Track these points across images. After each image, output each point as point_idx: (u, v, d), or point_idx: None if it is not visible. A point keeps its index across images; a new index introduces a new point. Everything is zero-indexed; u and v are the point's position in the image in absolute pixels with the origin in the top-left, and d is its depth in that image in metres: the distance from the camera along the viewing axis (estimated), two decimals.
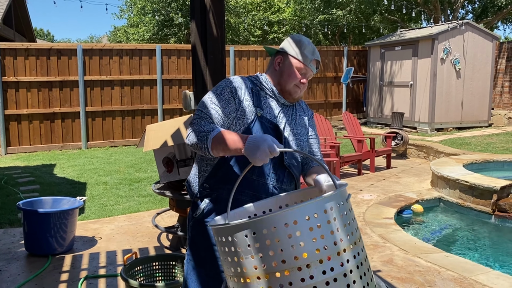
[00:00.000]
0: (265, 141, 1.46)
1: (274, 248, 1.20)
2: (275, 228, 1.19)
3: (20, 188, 6.02)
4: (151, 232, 4.30)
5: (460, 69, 9.96)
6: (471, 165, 6.23)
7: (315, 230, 1.20)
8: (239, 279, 1.26)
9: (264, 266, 1.21)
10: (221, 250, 1.30)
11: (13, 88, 9.09)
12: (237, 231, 1.23)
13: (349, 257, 1.24)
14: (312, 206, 1.21)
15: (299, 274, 1.19)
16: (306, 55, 1.81)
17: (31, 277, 3.33)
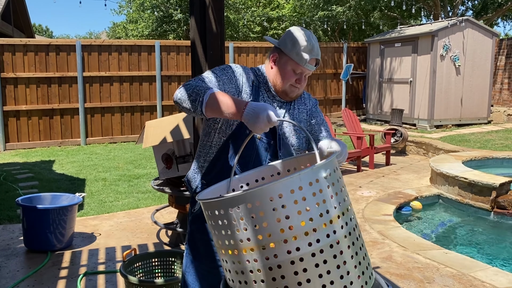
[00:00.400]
0: (265, 109, 1.43)
1: (260, 222, 1.20)
2: (282, 195, 1.19)
3: (19, 184, 6.01)
4: (150, 228, 4.30)
5: (459, 66, 9.95)
6: (470, 162, 6.23)
7: (300, 203, 1.20)
8: (228, 250, 1.27)
9: (250, 241, 1.22)
10: (214, 223, 1.30)
11: (12, 84, 9.07)
12: (222, 206, 1.24)
13: (338, 227, 1.24)
14: (296, 179, 1.21)
15: (285, 247, 1.19)
16: (302, 55, 1.69)
17: (30, 273, 3.33)
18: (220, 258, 1.35)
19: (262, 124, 1.43)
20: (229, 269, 1.31)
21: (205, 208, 1.32)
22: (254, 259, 1.23)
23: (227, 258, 1.30)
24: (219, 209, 1.26)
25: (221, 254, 1.33)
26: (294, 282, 1.20)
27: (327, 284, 1.21)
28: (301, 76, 1.74)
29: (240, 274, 1.27)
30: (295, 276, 1.20)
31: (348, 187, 5.89)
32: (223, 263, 1.35)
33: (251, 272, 1.24)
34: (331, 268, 1.22)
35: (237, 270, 1.28)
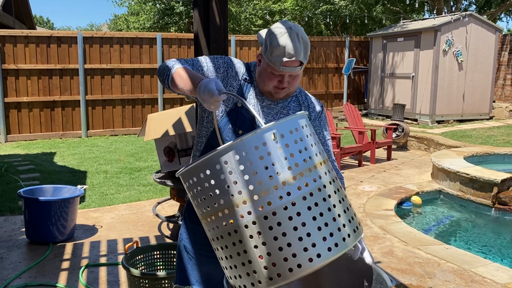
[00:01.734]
0: (206, 86, 1.43)
1: (249, 172, 1.25)
2: (227, 162, 1.25)
3: (20, 176, 6.02)
4: (152, 221, 4.30)
5: (462, 61, 9.91)
6: (471, 158, 6.23)
7: (284, 149, 1.26)
8: (218, 212, 1.29)
9: (241, 192, 1.25)
10: (197, 190, 1.32)
11: (13, 76, 9.05)
12: (210, 164, 1.28)
13: (322, 173, 1.30)
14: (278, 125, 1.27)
15: (276, 194, 1.23)
16: (274, 60, 1.56)
17: (32, 264, 3.34)
18: (209, 233, 1.35)
19: (208, 100, 1.44)
20: (220, 235, 1.31)
21: (189, 175, 1.34)
22: (248, 211, 1.25)
23: (216, 223, 1.30)
24: (206, 170, 1.29)
25: (210, 224, 1.33)
26: (290, 227, 1.23)
27: (322, 226, 1.24)
28: (283, 78, 1.61)
29: (234, 235, 1.27)
30: (290, 221, 1.23)
31: (349, 181, 5.89)
32: (213, 243, 1.35)
33: (246, 227, 1.25)
34: (323, 210, 1.26)
35: (230, 231, 1.27)
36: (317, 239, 1.24)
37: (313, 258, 1.23)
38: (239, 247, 1.28)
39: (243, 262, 1.28)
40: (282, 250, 1.23)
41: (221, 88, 1.44)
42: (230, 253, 1.31)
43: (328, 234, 1.26)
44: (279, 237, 1.23)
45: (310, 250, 1.23)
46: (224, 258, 1.34)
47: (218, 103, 1.45)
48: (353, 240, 1.30)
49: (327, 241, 1.25)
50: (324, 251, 1.24)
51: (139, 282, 2.52)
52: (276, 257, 1.24)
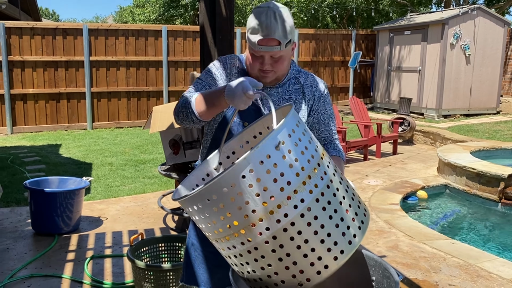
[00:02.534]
0: (240, 83, 1.38)
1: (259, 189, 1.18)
2: (234, 184, 1.18)
3: (26, 168, 6.04)
4: (157, 213, 4.31)
5: (470, 55, 9.82)
6: (478, 152, 6.18)
7: (273, 171, 1.18)
8: (227, 236, 1.25)
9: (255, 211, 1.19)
10: (204, 215, 1.26)
11: (19, 68, 9.06)
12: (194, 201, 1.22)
13: (318, 180, 1.23)
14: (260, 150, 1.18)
15: (291, 203, 1.18)
16: (252, 39, 1.54)
17: (38, 255, 3.35)
18: (223, 251, 1.31)
19: (240, 97, 1.39)
20: (239, 253, 1.27)
21: (192, 202, 1.25)
22: (248, 239, 1.21)
23: (232, 243, 1.27)
24: (211, 195, 1.20)
25: (224, 243, 1.29)
26: (293, 247, 1.21)
27: (325, 238, 1.22)
28: (263, 59, 1.57)
29: (240, 258, 1.26)
30: (309, 227, 1.21)
31: (354, 175, 5.87)
32: (230, 260, 1.33)
33: (249, 253, 1.23)
34: (323, 221, 1.22)
35: (236, 254, 1.26)
36: (322, 252, 1.23)
37: (321, 271, 1.22)
38: (247, 267, 1.27)
39: (269, 274, 1.26)
40: (289, 269, 1.22)
41: (256, 84, 1.39)
42: (253, 268, 1.27)
43: (332, 243, 1.24)
44: (283, 258, 1.21)
45: (317, 264, 1.22)
46: (246, 272, 1.31)
47: (250, 101, 1.40)
48: (359, 238, 1.28)
49: (332, 251, 1.23)
50: (331, 261, 1.23)
51: (144, 274, 2.53)
52: (284, 275, 1.23)
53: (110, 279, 3.01)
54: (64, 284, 2.95)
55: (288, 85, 1.72)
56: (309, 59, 11.52)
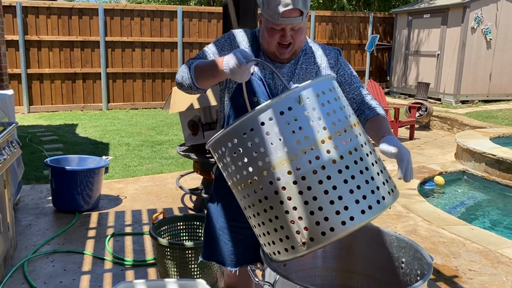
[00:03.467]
0: (232, 57, 1.40)
1: (294, 128, 1.23)
2: (290, 109, 1.24)
3: (44, 146, 6.11)
4: (175, 193, 4.34)
5: (491, 40, 9.59)
6: (498, 139, 6.09)
7: (311, 113, 1.24)
8: (248, 180, 1.28)
9: (287, 148, 1.24)
10: (227, 160, 1.32)
11: (35, 47, 9.10)
12: (259, 118, 1.26)
13: (353, 136, 1.28)
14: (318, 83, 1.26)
15: (303, 158, 1.22)
16: (272, 12, 1.50)
17: (60, 232, 3.41)
18: (241, 202, 1.34)
19: (237, 72, 1.41)
20: (251, 203, 1.30)
21: (216, 146, 1.32)
22: (277, 177, 1.24)
23: (247, 191, 1.30)
24: (233, 139, 1.28)
25: (241, 192, 1.32)
26: (320, 191, 1.22)
27: (354, 189, 1.23)
28: (285, 32, 1.54)
29: (265, 201, 1.27)
30: (320, 185, 1.22)
31: None
32: (247, 211, 1.34)
33: (276, 194, 1.25)
34: (354, 173, 1.24)
35: (261, 198, 1.27)
36: (350, 202, 1.22)
37: (346, 221, 1.22)
38: (271, 213, 1.27)
39: (276, 228, 1.28)
40: (314, 214, 1.22)
41: (247, 55, 1.41)
42: (262, 220, 1.30)
43: (361, 196, 1.24)
44: (310, 201, 1.22)
45: (343, 213, 1.22)
46: (257, 225, 1.33)
47: (247, 72, 1.43)
48: (389, 202, 1.27)
49: (360, 204, 1.23)
50: (358, 213, 1.23)
51: (166, 251, 2.55)
52: (308, 221, 1.23)
53: (131, 257, 3.06)
54: (86, 260, 3.00)
55: (299, 57, 1.69)
56: (325, 41, 11.36)
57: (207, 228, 1.87)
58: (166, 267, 2.59)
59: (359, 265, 1.65)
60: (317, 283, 1.65)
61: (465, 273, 2.95)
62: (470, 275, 2.93)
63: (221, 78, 1.54)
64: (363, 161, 1.26)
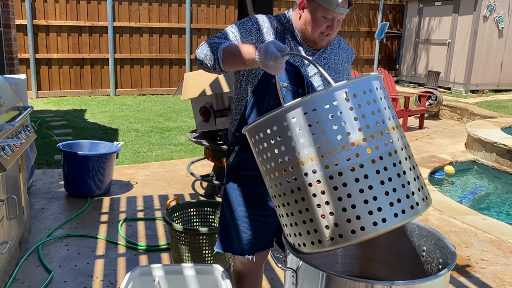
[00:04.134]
0: (266, 51, 1.38)
1: (317, 130, 1.23)
2: (315, 110, 1.23)
3: (54, 131, 6.13)
4: (185, 179, 4.35)
5: (503, 28, 9.46)
6: (509, 129, 6.03)
7: (356, 110, 1.23)
8: (282, 169, 1.28)
9: (307, 150, 1.23)
10: (263, 146, 1.31)
11: (44, 32, 9.07)
12: (277, 121, 1.26)
13: (395, 138, 1.26)
14: (351, 84, 1.24)
15: (343, 154, 1.21)
16: (328, 1, 1.54)
17: (73, 216, 3.43)
18: (271, 189, 1.34)
19: (272, 66, 1.39)
20: (282, 192, 1.30)
21: (255, 130, 1.32)
22: (313, 170, 1.23)
23: (280, 180, 1.29)
24: (272, 126, 1.27)
25: (273, 180, 1.32)
26: (356, 189, 1.21)
27: (390, 191, 1.22)
28: (333, 22, 1.59)
29: (297, 192, 1.26)
30: (356, 183, 1.21)
31: None
32: (275, 199, 1.34)
33: (310, 186, 1.23)
34: (392, 175, 1.23)
35: (293, 188, 1.26)
36: (384, 204, 1.21)
37: (378, 222, 1.21)
38: (302, 204, 1.26)
39: (304, 220, 1.27)
40: (346, 211, 1.22)
41: (282, 47, 1.39)
42: (292, 211, 1.29)
43: (395, 199, 1.23)
44: (343, 198, 1.21)
45: (375, 214, 1.21)
46: (285, 215, 1.32)
47: (282, 65, 1.40)
48: (422, 209, 1.26)
49: (394, 207, 1.22)
50: (390, 216, 1.22)
51: (180, 237, 2.57)
52: (339, 218, 1.22)
53: (144, 242, 3.08)
54: (100, 244, 3.03)
55: (327, 48, 1.74)
56: None
57: (224, 219, 1.86)
58: (180, 252, 2.61)
59: (380, 253, 1.65)
60: (338, 270, 1.65)
61: (478, 262, 2.95)
62: (483, 264, 2.93)
63: (251, 67, 1.51)
64: (401, 164, 1.25)
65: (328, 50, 1.74)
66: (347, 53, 1.81)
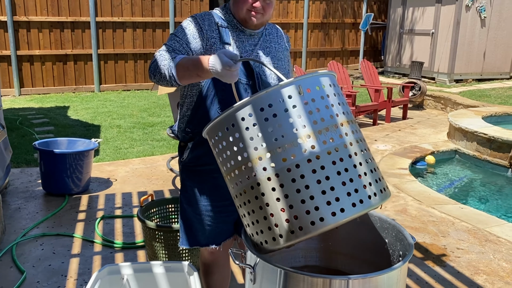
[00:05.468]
0: (219, 62, 1.39)
1: (274, 124, 1.25)
2: (271, 106, 1.25)
3: (35, 129, 6.06)
4: (166, 175, 4.33)
5: (485, 18, 9.50)
6: (490, 118, 6.09)
7: (310, 104, 1.26)
8: (241, 166, 1.29)
9: (264, 145, 1.25)
10: (220, 147, 1.33)
11: (25, 28, 8.93)
12: (233, 119, 1.28)
13: (349, 131, 1.29)
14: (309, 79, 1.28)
15: (300, 146, 1.23)
16: None
17: (49, 215, 3.40)
18: (232, 190, 1.35)
19: (226, 74, 1.40)
20: (243, 190, 1.31)
21: (213, 131, 1.33)
22: (271, 164, 1.24)
23: (240, 178, 1.30)
24: (230, 124, 1.29)
25: (233, 179, 1.33)
26: (313, 180, 1.22)
27: (347, 181, 1.23)
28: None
29: (257, 188, 1.26)
30: (314, 174, 1.22)
31: None
32: (237, 200, 1.34)
33: (269, 180, 1.24)
34: (348, 166, 1.24)
35: (253, 184, 1.27)
36: (341, 194, 1.22)
37: (336, 213, 1.21)
38: (261, 200, 1.26)
39: (265, 216, 1.27)
40: (305, 203, 1.22)
41: (232, 55, 1.40)
42: (253, 208, 1.29)
43: (353, 189, 1.23)
44: (301, 190, 1.22)
45: (334, 204, 1.21)
46: (247, 214, 1.32)
47: (236, 73, 1.42)
48: (380, 200, 1.27)
49: (352, 197, 1.22)
50: (348, 206, 1.22)
51: (154, 234, 2.55)
52: (298, 210, 1.22)
53: (121, 239, 3.06)
54: (76, 243, 3.00)
55: (266, 35, 1.80)
56: (319, 20, 11.24)
57: (185, 216, 1.86)
58: (154, 250, 2.59)
59: (343, 246, 1.65)
60: (301, 264, 1.65)
61: (453, 251, 2.98)
62: (458, 253, 2.96)
63: (207, 78, 1.53)
64: (357, 156, 1.27)
65: (269, 39, 1.80)
66: (285, 41, 1.88)
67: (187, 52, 1.65)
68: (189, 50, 1.65)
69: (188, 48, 1.66)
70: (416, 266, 2.80)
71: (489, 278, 2.66)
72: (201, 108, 1.73)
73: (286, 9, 10.88)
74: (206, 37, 1.68)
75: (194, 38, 1.67)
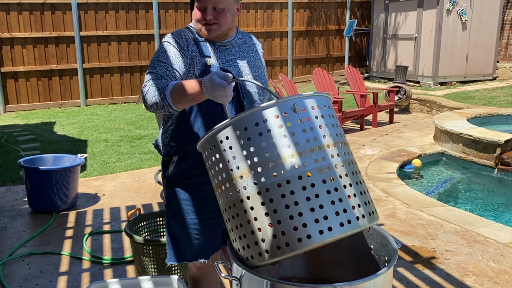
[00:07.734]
0: (213, 84, 1.40)
1: (256, 144, 1.26)
2: (257, 125, 1.27)
3: (20, 146, 6.00)
4: (154, 188, 4.30)
5: (466, 21, 9.67)
6: (474, 119, 6.17)
7: (285, 128, 1.27)
8: (225, 183, 1.31)
9: (249, 162, 1.27)
10: (210, 163, 1.36)
11: (8, 45, 8.87)
12: (212, 140, 1.32)
13: (334, 153, 1.30)
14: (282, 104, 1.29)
15: (292, 163, 1.25)
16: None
17: (36, 233, 3.35)
18: (221, 203, 1.37)
19: (221, 95, 1.41)
20: (232, 203, 1.32)
21: (208, 143, 1.36)
22: (262, 178, 1.25)
23: (230, 192, 1.31)
24: (211, 144, 1.32)
25: (221, 193, 1.35)
26: (303, 197, 1.23)
27: (336, 201, 1.24)
28: (205, 11, 1.66)
29: (246, 201, 1.27)
30: (304, 191, 1.23)
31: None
32: (225, 213, 1.36)
33: (259, 194, 1.25)
34: (338, 186, 1.26)
35: (243, 197, 1.27)
36: (330, 213, 1.23)
37: (324, 231, 1.22)
38: (249, 214, 1.27)
39: (252, 230, 1.27)
40: (293, 219, 1.23)
41: (224, 76, 1.42)
42: (241, 222, 1.29)
43: (341, 209, 1.24)
44: (290, 206, 1.23)
45: (322, 222, 1.22)
46: (235, 228, 1.32)
47: (230, 93, 1.43)
48: (368, 222, 1.28)
49: (340, 216, 1.23)
50: (336, 225, 1.23)
51: (142, 249, 2.53)
52: (286, 226, 1.23)
53: (110, 255, 3.03)
54: (64, 260, 2.96)
55: (241, 44, 1.81)
56: (303, 28, 11.33)
57: (172, 232, 1.84)
58: (143, 264, 2.57)
59: (330, 253, 1.65)
60: (288, 275, 1.65)
61: (442, 253, 3.00)
62: (447, 255, 2.98)
63: (202, 100, 1.53)
64: (348, 177, 1.28)
65: (245, 48, 1.82)
66: (259, 47, 1.91)
67: (174, 75, 1.65)
68: (175, 72, 1.66)
69: (174, 70, 1.66)
70: (406, 270, 2.81)
71: (478, 279, 2.68)
72: (185, 123, 1.73)
73: (271, 18, 10.96)
74: (187, 53, 1.69)
75: (177, 58, 1.68)
